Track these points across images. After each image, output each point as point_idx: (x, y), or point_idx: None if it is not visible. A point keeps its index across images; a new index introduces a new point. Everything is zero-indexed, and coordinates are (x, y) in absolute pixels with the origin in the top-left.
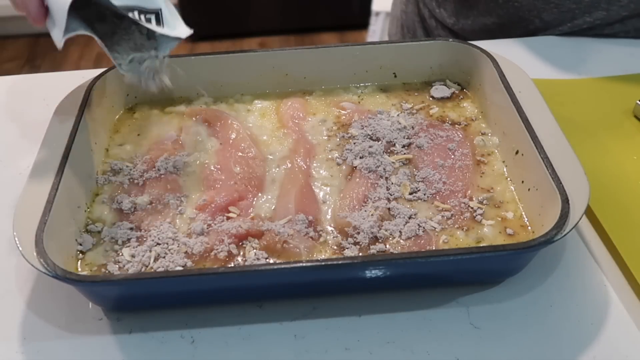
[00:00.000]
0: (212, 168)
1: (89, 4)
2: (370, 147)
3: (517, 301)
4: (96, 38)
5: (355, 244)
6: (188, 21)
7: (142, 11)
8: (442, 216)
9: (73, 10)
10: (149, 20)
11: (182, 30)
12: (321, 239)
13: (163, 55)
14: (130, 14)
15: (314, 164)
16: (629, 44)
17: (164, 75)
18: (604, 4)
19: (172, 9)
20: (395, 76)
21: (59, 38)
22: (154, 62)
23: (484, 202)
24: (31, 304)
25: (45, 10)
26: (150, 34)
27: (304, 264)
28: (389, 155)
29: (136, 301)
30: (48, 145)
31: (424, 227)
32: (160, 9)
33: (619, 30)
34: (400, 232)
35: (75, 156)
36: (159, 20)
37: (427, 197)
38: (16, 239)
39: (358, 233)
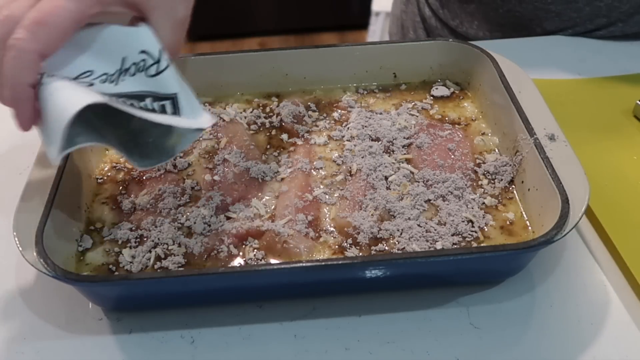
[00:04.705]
0: (212, 168)
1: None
2: (370, 147)
3: (517, 301)
4: (106, 146)
5: (355, 244)
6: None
7: (155, 97)
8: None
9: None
10: (163, 108)
11: (203, 119)
12: (321, 239)
13: (182, 150)
14: (140, 109)
15: (314, 164)
16: (629, 44)
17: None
18: (604, 11)
19: (188, 92)
20: (395, 76)
21: (54, 154)
22: (169, 156)
23: (484, 202)
24: (31, 304)
25: (37, 114)
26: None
27: (304, 264)
28: (389, 155)
29: (136, 301)
30: None
31: (424, 227)
32: (176, 94)
33: (621, 31)
34: (400, 232)
35: (75, 156)
36: (175, 106)
37: (427, 197)
38: (16, 239)
39: (358, 233)
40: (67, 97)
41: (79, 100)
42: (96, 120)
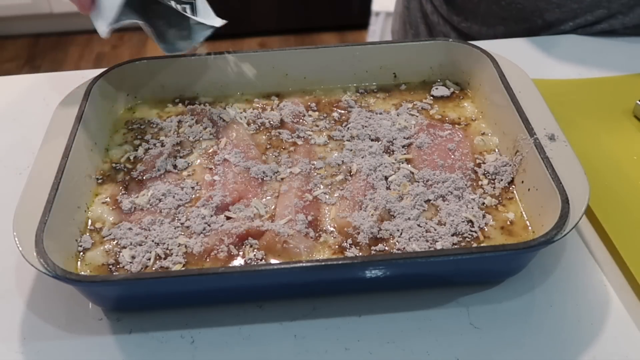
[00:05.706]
0: (212, 168)
1: None
2: (370, 147)
3: (517, 301)
4: (143, 24)
5: (355, 244)
6: None
7: (178, 1)
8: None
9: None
10: (184, 9)
11: (216, 20)
12: (321, 239)
13: (197, 43)
14: (172, 3)
15: (314, 164)
16: (629, 44)
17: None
18: (604, 2)
19: (205, 2)
20: (395, 76)
21: (103, 29)
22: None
23: (484, 202)
24: (31, 304)
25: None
26: (179, 22)
27: (304, 264)
28: (389, 155)
29: (136, 301)
30: (48, 145)
31: (424, 227)
32: (195, 0)
33: (621, 24)
34: (400, 232)
35: (75, 156)
36: (193, 10)
37: (427, 197)
38: (16, 239)
39: (358, 233)
40: None
41: None
42: (131, 6)
